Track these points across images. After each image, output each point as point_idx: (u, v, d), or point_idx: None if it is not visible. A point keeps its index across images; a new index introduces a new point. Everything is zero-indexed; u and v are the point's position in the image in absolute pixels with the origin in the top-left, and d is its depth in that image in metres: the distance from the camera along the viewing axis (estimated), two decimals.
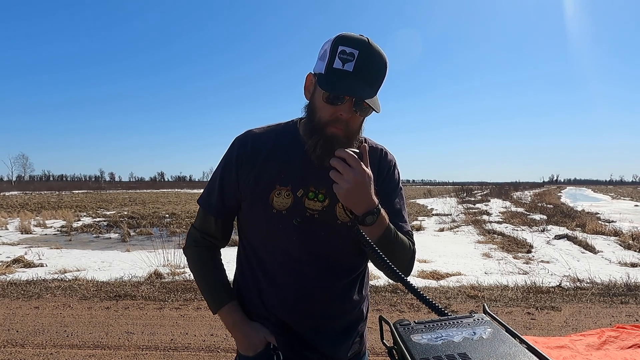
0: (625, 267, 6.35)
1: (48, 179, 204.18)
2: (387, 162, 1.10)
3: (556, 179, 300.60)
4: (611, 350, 1.15)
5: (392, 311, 4.11)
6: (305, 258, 1.02)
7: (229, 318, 1.06)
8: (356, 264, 1.08)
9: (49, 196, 35.12)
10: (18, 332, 3.52)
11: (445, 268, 6.17)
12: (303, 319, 1.04)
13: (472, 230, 11.15)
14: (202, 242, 1.10)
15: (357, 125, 0.95)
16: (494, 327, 0.60)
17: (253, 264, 1.07)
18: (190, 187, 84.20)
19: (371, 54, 0.89)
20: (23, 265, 6.30)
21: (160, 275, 5.50)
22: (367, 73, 0.89)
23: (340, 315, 1.07)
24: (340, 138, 0.92)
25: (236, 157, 1.04)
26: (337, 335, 1.06)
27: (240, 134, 1.09)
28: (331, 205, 1.01)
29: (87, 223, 13.14)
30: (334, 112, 0.91)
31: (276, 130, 1.07)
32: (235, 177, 1.04)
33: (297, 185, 1.00)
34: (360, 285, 1.11)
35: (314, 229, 1.01)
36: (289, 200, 1.00)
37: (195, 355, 3.14)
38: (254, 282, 1.07)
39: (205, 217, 1.09)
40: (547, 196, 31.47)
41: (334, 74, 0.89)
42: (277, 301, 1.04)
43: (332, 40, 0.91)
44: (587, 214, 15.72)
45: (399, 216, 1.06)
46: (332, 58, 0.89)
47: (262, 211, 1.01)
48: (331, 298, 1.04)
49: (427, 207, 20.68)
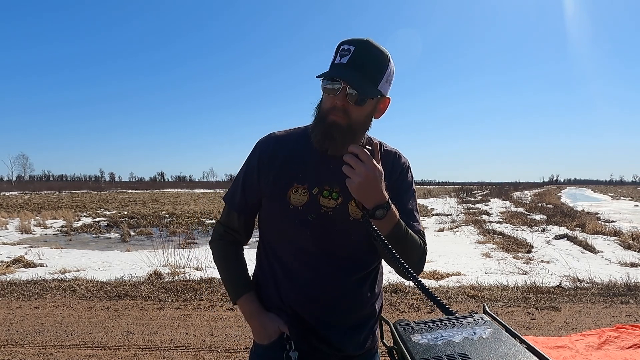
0: (625, 267, 6.35)
1: (48, 179, 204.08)
2: (400, 164, 1.16)
3: (556, 179, 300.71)
4: (611, 350, 1.15)
5: (392, 311, 4.11)
6: (318, 253, 1.07)
7: (246, 307, 1.12)
8: (368, 260, 1.12)
9: (49, 196, 35.14)
10: (18, 332, 3.52)
11: (445, 268, 6.17)
12: (316, 311, 1.08)
13: (472, 230, 11.15)
14: (226, 236, 1.18)
15: (357, 115, 0.99)
16: (494, 327, 0.60)
17: (270, 258, 1.13)
18: (190, 187, 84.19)
19: (367, 48, 0.96)
20: (23, 265, 6.31)
21: (160, 275, 5.50)
22: (361, 64, 0.95)
23: (351, 311, 1.10)
24: (340, 125, 0.98)
25: (258, 159, 1.12)
26: (348, 330, 1.10)
27: (263, 136, 1.17)
28: (344, 203, 1.07)
29: (87, 223, 13.15)
30: (332, 102, 0.98)
31: (296, 134, 1.15)
32: (257, 178, 1.11)
33: (312, 184, 1.07)
34: (373, 282, 1.14)
35: (327, 225, 1.06)
36: (305, 198, 1.06)
37: (195, 355, 3.14)
38: (271, 274, 1.13)
39: (230, 213, 1.17)
40: (547, 196, 31.48)
41: (332, 67, 0.98)
42: (292, 293, 1.09)
43: (339, 43, 0.99)
44: (587, 214, 15.73)
45: (410, 216, 1.10)
46: (334, 56, 0.98)
47: (279, 206, 1.08)
48: (343, 293, 1.08)
49: (427, 207, 20.68)
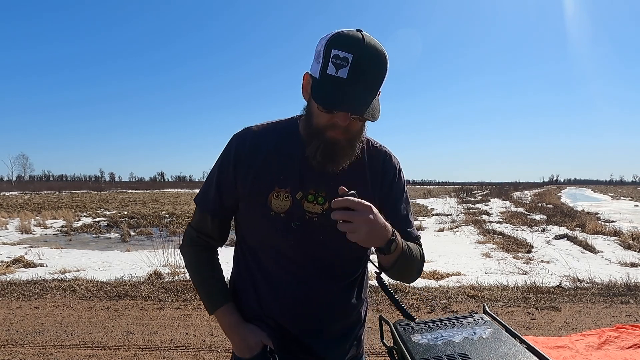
0: (625, 267, 6.35)
1: (48, 179, 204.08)
2: (391, 166, 1.07)
3: (556, 179, 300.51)
4: (611, 350, 1.15)
5: (392, 311, 4.10)
6: (303, 261, 1.00)
7: (225, 319, 1.04)
8: (355, 267, 1.07)
9: (49, 196, 35.11)
10: (18, 332, 3.52)
11: (445, 268, 6.16)
12: (300, 322, 1.02)
13: (472, 230, 11.14)
14: (199, 242, 1.08)
15: (357, 128, 0.93)
16: (494, 327, 0.60)
17: (251, 264, 1.05)
18: (190, 187, 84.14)
19: (366, 55, 0.83)
20: (23, 265, 6.30)
21: (160, 275, 5.50)
22: (363, 78, 0.84)
23: (337, 319, 1.05)
24: (341, 141, 0.91)
25: (234, 154, 1.01)
26: (334, 339, 1.05)
27: (238, 130, 1.05)
28: (331, 209, 1.00)
29: (87, 223, 13.12)
30: (330, 119, 0.88)
31: (277, 129, 1.04)
32: (233, 176, 1.01)
33: (296, 188, 0.98)
34: (359, 289, 1.09)
35: (312, 232, 0.98)
36: (288, 203, 0.97)
37: (195, 355, 3.13)
38: (251, 283, 1.05)
39: (202, 215, 1.07)
40: (547, 196, 31.45)
41: (327, 82, 0.85)
42: (274, 303, 1.02)
43: (326, 43, 0.85)
44: (587, 214, 15.71)
45: (406, 222, 1.06)
46: (325, 63, 0.85)
47: (260, 213, 0.99)
48: (329, 301, 1.03)
49: (427, 207, 20.67)
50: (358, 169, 1.02)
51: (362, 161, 1.03)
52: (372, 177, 1.04)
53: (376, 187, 1.04)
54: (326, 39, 0.86)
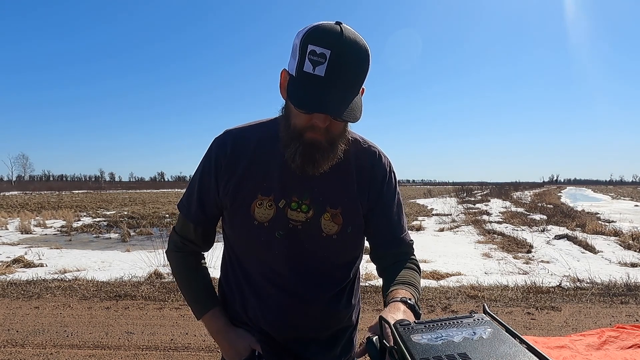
0: (625, 267, 6.35)
1: (48, 179, 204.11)
2: (382, 167, 1.01)
3: (556, 179, 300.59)
4: (611, 350, 1.15)
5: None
6: (289, 272, 0.96)
7: (213, 324, 1.02)
8: (344, 275, 1.02)
9: (49, 196, 35.11)
10: (18, 332, 3.52)
11: (445, 268, 6.17)
12: (288, 331, 0.99)
13: (472, 230, 11.14)
14: (184, 248, 1.05)
15: (339, 129, 0.87)
16: (494, 327, 0.60)
17: (237, 273, 1.02)
18: None
19: (345, 51, 0.76)
20: (23, 265, 6.30)
21: (160, 275, 5.50)
22: (343, 75, 0.78)
23: (327, 327, 1.03)
24: (321, 143, 0.85)
25: (215, 160, 0.96)
26: (324, 344, 1.03)
27: (219, 134, 0.99)
28: (316, 217, 0.94)
29: (87, 223, 13.12)
30: (309, 120, 0.82)
31: (259, 131, 0.98)
32: (215, 184, 0.96)
33: (279, 195, 0.93)
34: (349, 295, 1.06)
35: (298, 241, 0.94)
36: (272, 212, 0.93)
37: (195, 355, 3.14)
38: (238, 292, 1.03)
39: (185, 223, 1.03)
40: (547, 196, 31.45)
41: (303, 80, 0.78)
42: (261, 314, 0.99)
43: (302, 37, 0.78)
44: (587, 214, 15.71)
45: (399, 228, 1.02)
46: (302, 59, 0.78)
47: (243, 223, 0.95)
48: (318, 311, 0.99)
49: (427, 207, 20.66)
50: (344, 174, 0.96)
51: (348, 164, 0.96)
52: (360, 181, 0.98)
53: (364, 191, 0.99)
54: (303, 32, 0.79)
